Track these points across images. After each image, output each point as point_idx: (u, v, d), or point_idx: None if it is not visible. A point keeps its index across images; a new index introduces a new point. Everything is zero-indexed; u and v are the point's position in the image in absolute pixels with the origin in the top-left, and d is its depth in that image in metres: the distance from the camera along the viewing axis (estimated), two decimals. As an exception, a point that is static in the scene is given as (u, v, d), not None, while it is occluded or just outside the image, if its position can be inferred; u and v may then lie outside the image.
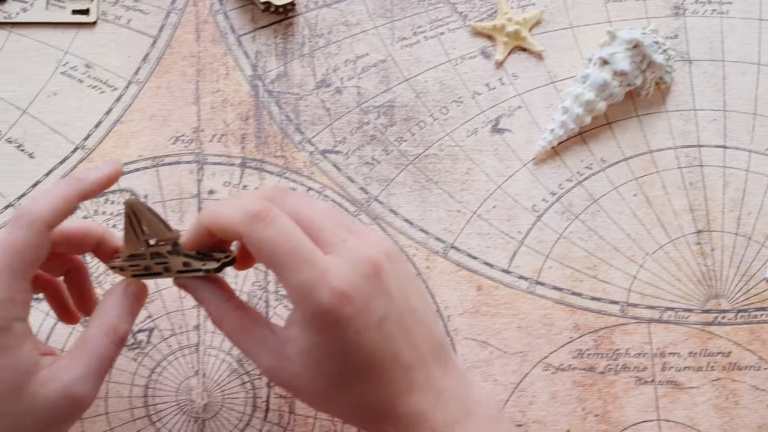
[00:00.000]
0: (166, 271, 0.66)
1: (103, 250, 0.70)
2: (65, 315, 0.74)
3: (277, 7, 0.87)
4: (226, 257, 0.65)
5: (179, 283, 0.66)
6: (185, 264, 0.66)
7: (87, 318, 0.73)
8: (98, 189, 0.60)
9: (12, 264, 0.55)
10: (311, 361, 0.55)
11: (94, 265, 0.76)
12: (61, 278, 0.69)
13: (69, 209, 0.57)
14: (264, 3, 0.87)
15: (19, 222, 0.56)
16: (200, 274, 0.65)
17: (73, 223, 0.69)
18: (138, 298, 0.62)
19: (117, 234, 0.67)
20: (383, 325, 0.54)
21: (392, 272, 0.55)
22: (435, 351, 0.58)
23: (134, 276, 0.66)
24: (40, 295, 0.67)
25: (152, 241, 0.63)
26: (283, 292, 0.80)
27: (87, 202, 0.81)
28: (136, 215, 0.64)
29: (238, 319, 0.60)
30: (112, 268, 0.67)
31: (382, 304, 0.54)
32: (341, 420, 0.71)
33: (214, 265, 0.65)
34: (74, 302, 0.73)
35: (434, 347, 0.58)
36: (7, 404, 0.54)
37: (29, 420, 0.54)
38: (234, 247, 0.65)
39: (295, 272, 0.53)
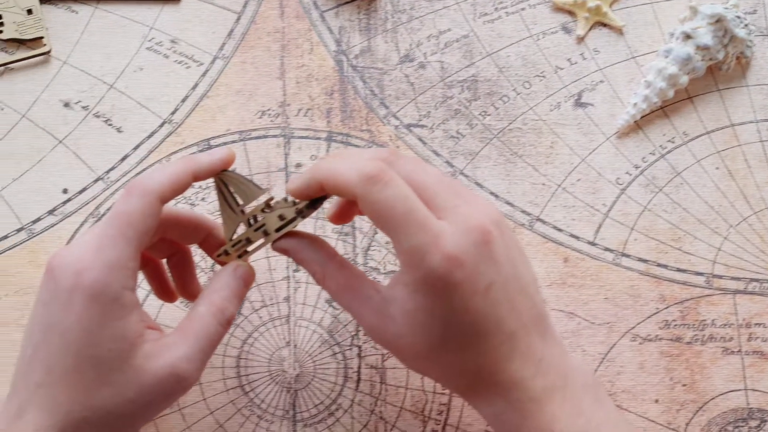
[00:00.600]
0: (265, 236, 0.67)
1: (209, 243, 0.71)
2: (163, 293, 0.75)
3: None
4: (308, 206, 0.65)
5: (281, 248, 0.67)
6: (281, 217, 0.67)
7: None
8: (211, 171, 0.61)
9: (125, 232, 0.56)
10: (415, 322, 0.55)
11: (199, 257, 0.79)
12: (164, 261, 0.72)
13: (182, 186, 0.58)
14: None
15: (134, 192, 0.57)
16: (297, 222, 0.66)
17: (186, 211, 0.70)
18: (246, 281, 0.62)
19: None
20: (489, 291, 0.54)
21: (501, 240, 0.55)
22: (536, 320, 0.58)
23: (239, 256, 0.67)
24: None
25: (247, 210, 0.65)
26: (371, 263, 0.82)
27: (198, 184, 0.84)
28: (227, 184, 0.66)
29: (343, 277, 0.60)
30: (218, 257, 0.67)
31: (490, 271, 0.54)
32: (438, 382, 0.73)
33: (304, 203, 0.65)
34: (177, 287, 0.74)
35: (535, 316, 0.58)
36: (113, 374, 0.55)
37: (132, 392, 0.55)
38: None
39: (409, 236, 0.53)
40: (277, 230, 0.68)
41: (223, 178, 0.66)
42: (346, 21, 0.89)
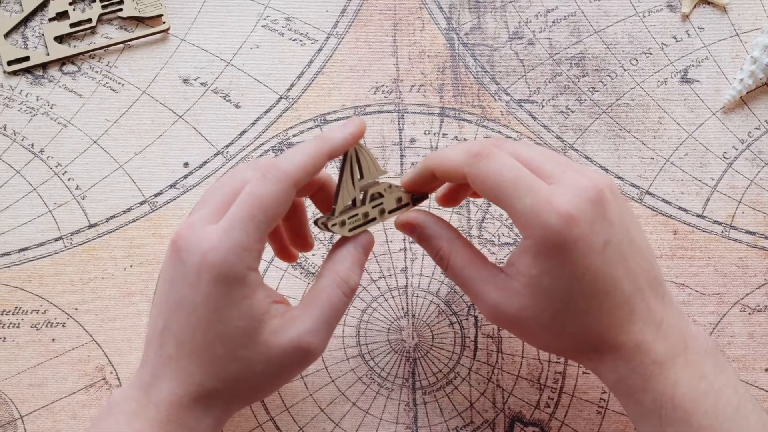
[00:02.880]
0: (380, 215, 0.70)
1: (321, 197, 0.73)
2: (284, 253, 0.78)
3: None
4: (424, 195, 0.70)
5: (406, 223, 0.71)
6: (398, 200, 0.71)
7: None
8: (344, 147, 0.62)
9: (255, 215, 0.58)
10: (539, 289, 0.57)
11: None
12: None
13: (317, 169, 0.60)
14: None
15: (269, 176, 0.59)
16: (409, 208, 0.70)
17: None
18: (366, 250, 0.64)
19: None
20: (606, 249, 0.56)
21: (614, 202, 0.57)
22: (652, 282, 0.59)
23: (351, 230, 0.70)
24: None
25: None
26: (485, 235, 0.90)
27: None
28: (358, 157, 0.69)
29: (469, 255, 0.63)
30: (327, 227, 0.70)
31: (605, 229, 0.56)
32: (560, 354, 0.79)
33: (421, 201, 0.70)
34: (289, 239, 0.76)
35: (652, 279, 0.59)
36: (241, 350, 0.57)
37: (260, 367, 0.58)
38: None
39: (521, 198, 0.56)
40: (391, 212, 0.71)
41: (357, 150, 0.69)
42: (456, -1, 0.99)
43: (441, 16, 0.92)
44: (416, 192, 0.71)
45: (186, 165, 0.94)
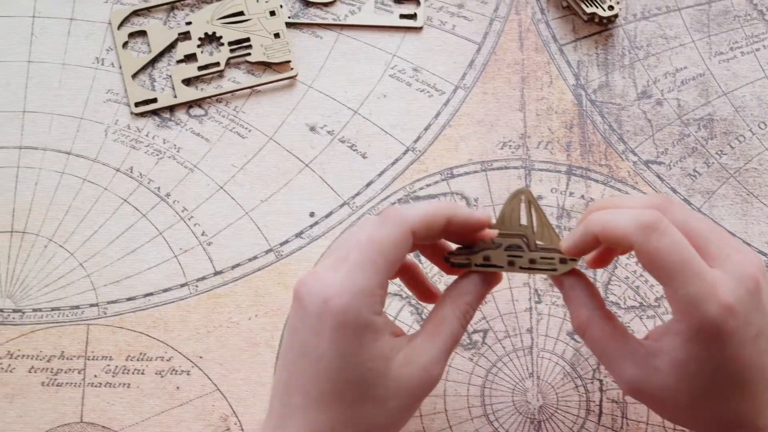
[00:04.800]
0: (509, 266, 0.71)
1: (433, 253, 0.74)
2: (426, 295, 0.78)
3: (601, 18, 1.05)
4: (573, 259, 0.70)
5: (557, 279, 0.71)
6: (531, 261, 0.72)
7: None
8: (464, 224, 0.64)
9: (374, 259, 0.59)
10: (684, 373, 0.58)
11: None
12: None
13: (436, 226, 0.62)
14: (589, 14, 1.05)
15: (387, 221, 0.60)
16: (549, 271, 0.70)
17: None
18: (492, 287, 0.65)
19: (464, 210, 0.72)
20: (758, 339, 0.57)
21: (766, 288, 0.58)
22: None
23: (475, 266, 0.70)
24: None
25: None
26: (611, 297, 0.92)
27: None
28: (532, 205, 0.70)
29: (609, 328, 0.63)
30: (456, 262, 0.71)
31: (759, 320, 0.57)
32: (693, 431, 0.86)
33: (565, 268, 0.71)
34: (414, 294, 0.78)
35: None
36: (372, 389, 0.58)
37: (392, 402, 0.59)
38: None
39: (685, 284, 0.56)
40: (522, 268, 0.72)
41: (529, 197, 0.70)
42: (584, 55, 1.02)
43: (569, 71, 0.97)
44: (575, 255, 0.70)
45: (312, 214, 0.96)
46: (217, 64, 0.93)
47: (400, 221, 0.62)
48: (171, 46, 0.94)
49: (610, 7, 0.93)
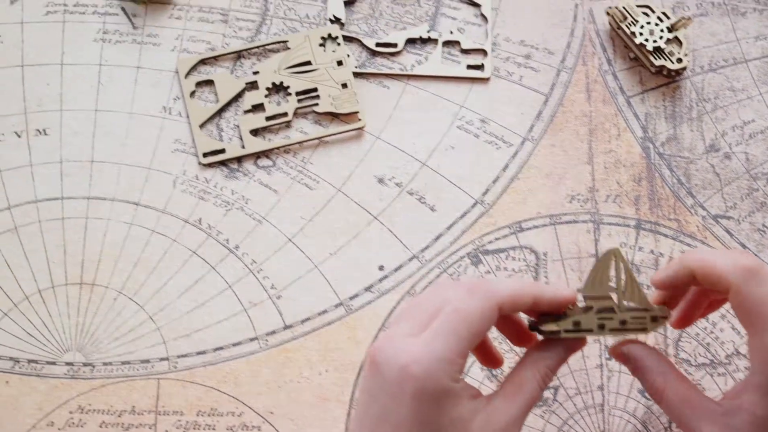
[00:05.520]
0: (599, 329, 0.71)
1: (509, 329, 0.74)
2: (490, 361, 0.79)
3: (669, 71, 1.07)
4: (663, 314, 0.71)
5: (621, 354, 0.72)
6: (622, 323, 0.72)
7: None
8: (550, 304, 0.64)
9: (459, 330, 0.60)
10: (764, 430, 0.58)
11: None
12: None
13: (522, 304, 0.62)
14: (657, 67, 1.06)
15: (475, 292, 0.61)
16: (633, 335, 0.71)
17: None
18: (575, 349, 0.66)
19: (548, 289, 0.72)
20: None
21: None
22: None
23: (565, 332, 0.71)
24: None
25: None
26: (682, 354, 0.93)
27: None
28: (619, 262, 0.70)
29: (684, 389, 0.64)
30: (546, 330, 0.71)
31: None
32: None
33: (656, 326, 0.71)
34: (478, 358, 0.78)
35: None
36: None
37: None
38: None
39: None
40: (612, 330, 0.72)
41: (618, 256, 0.70)
42: (652, 107, 1.04)
43: (637, 124, 0.95)
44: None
45: (381, 268, 0.96)
46: (285, 114, 0.95)
47: (489, 295, 0.62)
48: (238, 96, 0.93)
49: (679, 60, 0.94)
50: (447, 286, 0.68)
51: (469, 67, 1.00)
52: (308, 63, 0.95)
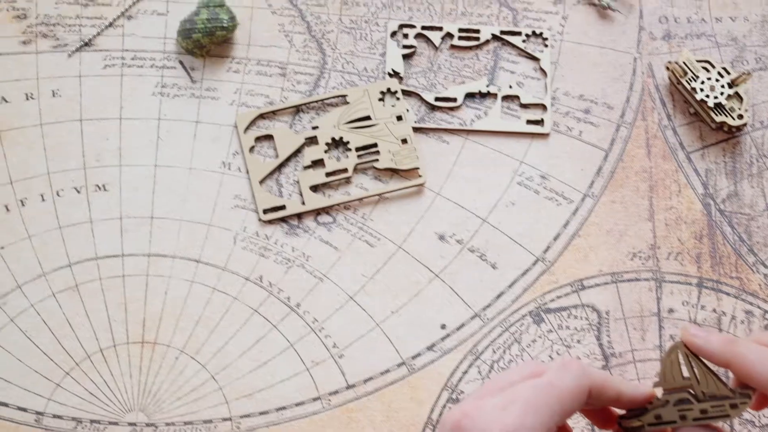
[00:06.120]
0: (681, 420, 0.71)
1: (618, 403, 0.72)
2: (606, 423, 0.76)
3: (730, 126, 1.08)
4: (742, 400, 0.70)
5: None
6: (702, 412, 0.71)
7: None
8: (630, 401, 0.66)
9: (551, 405, 0.60)
10: None
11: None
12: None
13: (607, 394, 0.63)
14: (718, 123, 1.07)
15: (571, 370, 0.61)
16: (716, 422, 0.70)
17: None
18: None
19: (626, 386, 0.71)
20: None
21: None
22: None
23: (649, 426, 0.71)
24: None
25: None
26: None
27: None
28: (690, 358, 0.71)
29: None
30: (630, 426, 0.71)
31: None
32: None
33: (738, 412, 0.70)
34: None
35: None
36: None
37: None
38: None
39: None
40: (695, 419, 0.71)
41: (685, 351, 0.71)
42: (712, 163, 1.04)
43: (697, 180, 0.96)
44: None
45: (443, 326, 0.97)
46: (345, 170, 0.96)
47: (583, 375, 0.63)
48: (297, 151, 0.94)
49: (740, 116, 0.95)
50: (537, 362, 0.69)
51: (529, 122, 1.02)
52: (368, 118, 0.96)
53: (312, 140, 0.98)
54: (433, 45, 1.03)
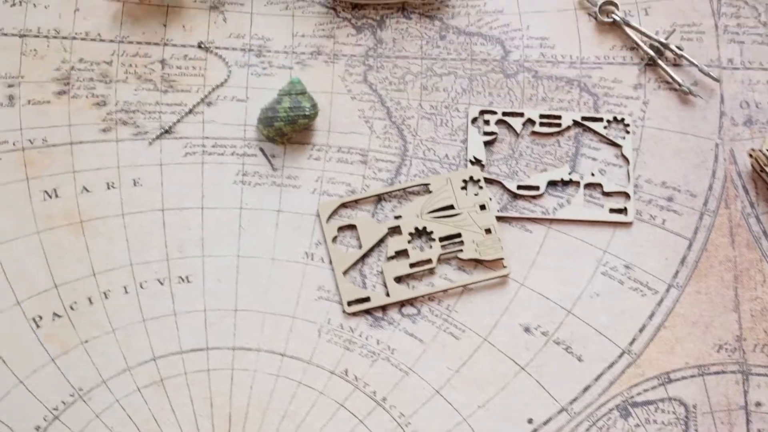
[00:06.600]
0: None
1: None
2: None
3: None
4: None
5: None
6: None
7: None
8: None
9: None
10: None
11: None
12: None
13: None
14: None
15: None
16: None
17: None
18: None
19: None
20: None
21: None
22: None
23: None
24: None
25: None
26: None
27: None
28: None
29: None
30: None
31: None
32: None
33: None
34: None
35: None
36: None
37: None
38: None
39: None
40: None
41: None
42: (796, 252, 1.05)
43: None
44: None
45: (530, 421, 0.97)
46: (429, 261, 0.96)
47: None
48: (381, 241, 0.93)
49: (823, 205, 0.94)
50: None
51: (612, 210, 1.01)
52: (451, 207, 0.97)
53: (395, 230, 0.98)
54: (514, 131, 1.02)
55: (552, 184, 0.98)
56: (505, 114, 1.00)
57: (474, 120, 0.99)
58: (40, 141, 0.94)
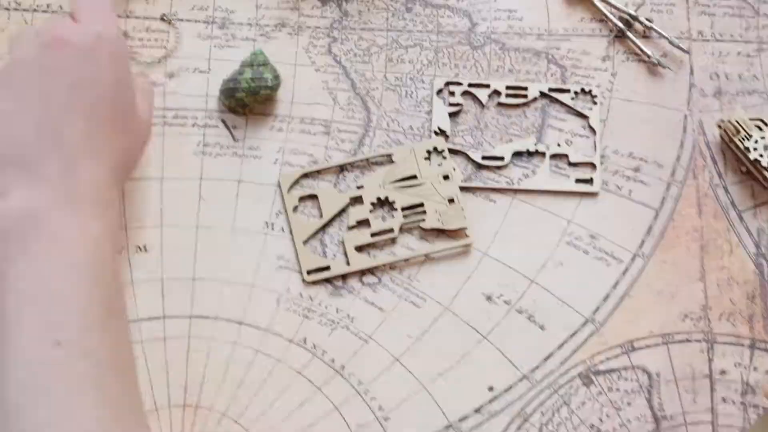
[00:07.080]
0: None
1: None
2: None
3: None
4: None
5: None
6: None
7: None
8: None
9: None
10: None
11: None
12: None
13: None
14: None
15: None
16: None
17: None
18: None
19: None
20: None
21: None
22: None
23: None
24: None
25: None
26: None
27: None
28: None
29: None
30: None
31: None
32: None
33: None
34: None
35: None
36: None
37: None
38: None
39: None
40: None
41: None
42: (765, 222, 1.03)
43: (749, 240, 1.00)
44: None
45: (491, 389, 0.97)
46: (391, 230, 0.97)
47: None
48: (342, 211, 0.94)
49: (794, 175, 0.93)
50: None
51: (578, 181, 1.02)
52: (414, 177, 0.97)
53: (357, 200, 0.98)
54: (479, 102, 1.01)
55: (517, 154, 0.98)
56: (470, 85, 1.01)
57: (439, 91, 1.00)
58: None
